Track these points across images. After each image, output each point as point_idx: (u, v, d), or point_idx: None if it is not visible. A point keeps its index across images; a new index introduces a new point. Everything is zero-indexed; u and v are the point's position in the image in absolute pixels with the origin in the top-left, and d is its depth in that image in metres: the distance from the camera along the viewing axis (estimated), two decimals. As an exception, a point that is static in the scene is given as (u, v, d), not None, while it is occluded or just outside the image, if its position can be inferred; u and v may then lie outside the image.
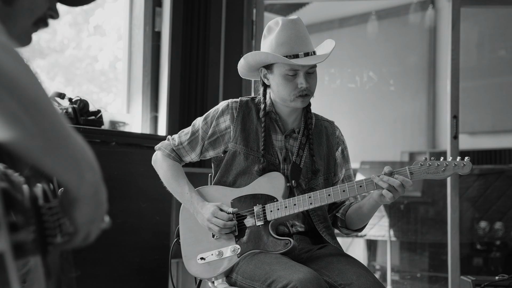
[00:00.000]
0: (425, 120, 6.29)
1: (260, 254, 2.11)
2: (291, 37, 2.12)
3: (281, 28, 2.14)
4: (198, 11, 3.94)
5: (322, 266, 2.07)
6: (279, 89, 2.17)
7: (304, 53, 2.12)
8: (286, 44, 2.12)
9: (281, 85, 2.16)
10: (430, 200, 5.18)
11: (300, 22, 2.17)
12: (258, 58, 2.18)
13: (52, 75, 3.93)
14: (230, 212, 2.17)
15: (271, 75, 2.19)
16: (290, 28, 2.14)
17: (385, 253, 5.28)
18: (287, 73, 2.13)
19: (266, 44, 2.18)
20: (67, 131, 0.92)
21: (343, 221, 2.28)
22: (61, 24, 3.96)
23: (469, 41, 5.72)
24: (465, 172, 2.02)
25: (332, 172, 2.31)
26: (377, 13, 6.48)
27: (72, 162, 0.93)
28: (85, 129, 3.04)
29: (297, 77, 2.14)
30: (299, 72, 2.13)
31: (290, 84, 2.14)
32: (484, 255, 5.01)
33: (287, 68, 2.13)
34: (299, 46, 2.12)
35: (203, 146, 2.30)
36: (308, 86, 2.14)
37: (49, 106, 0.89)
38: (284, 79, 2.14)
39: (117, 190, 3.11)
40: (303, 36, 2.14)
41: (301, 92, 2.14)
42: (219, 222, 2.14)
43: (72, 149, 0.93)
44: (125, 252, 3.14)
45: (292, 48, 2.11)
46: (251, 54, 2.20)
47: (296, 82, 2.13)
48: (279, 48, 2.12)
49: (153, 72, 3.86)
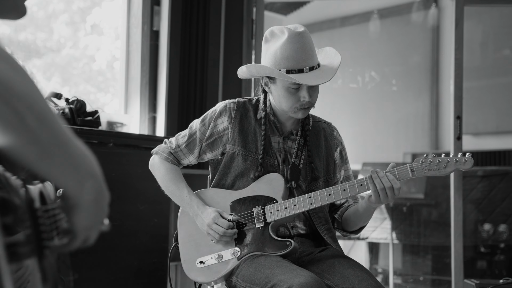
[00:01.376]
0: (428, 121, 6.29)
1: (261, 257, 2.10)
2: (297, 51, 2.09)
3: (287, 41, 2.09)
4: (197, 9, 3.94)
5: (323, 269, 2.07)
6: (281, 101, 2.17)
7: (309, 67, 2.10)
8: (291, 59, 2.09)
9: (283, 97, 2.15)
10: (433, 202, 5.18)
11: (307, 35, 2.13)
12: (262, 71, 2.17)
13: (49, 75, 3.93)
14: (230, 220, 2.17)
15: (273, 85, 2.18)
16: (297, 41, 2.10)
17: (387, 256, 5.28)
18: (290, 86, 2.12)
19: (269, 53, 2.15)
20: (66, 137, 0.91)
21: (340, 222, 2.30)
22: (58, 23, 3.96)
23: (473, 40, 5.72)
24: (467, 168, 2.01)
25: (331, 173, 2.31)
26: (379, 12, 6.48)
27: (71, 169, 0.93)
28: (82, 130, 3.04)
29: (300, 90, 2.12)
30: (302, 86, 2.12)
31: (292, 97, 2.13)
32: (488, 258, 5.01)
33: (290, 82, 2.11)
34: (304, 61, 2.09)
35: (201, 148, 2.29)
36: (310, 100, 2.14)
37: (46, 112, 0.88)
38: (287, 91, 2.13)
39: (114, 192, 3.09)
40: (309, 50, 2.11)
41: (303, 105, 2.14)
42: (219, 230, 2.14)
43: (71, 156, 0.92)
44: (122, 255, 3.14)
45: (297, 62, 2.09)
46: (255, 66, 2.19)
47: (299, 95, 2.12)
48: (284, 62, 2.09)
49: (151, 72, 3.86)
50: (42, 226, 0.99)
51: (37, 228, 0.98)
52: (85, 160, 0.95)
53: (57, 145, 0.90)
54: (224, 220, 2.16)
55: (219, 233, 2.14)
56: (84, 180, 0.95)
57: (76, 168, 0.93)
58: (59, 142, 0.90)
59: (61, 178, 0.93)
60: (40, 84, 0.91)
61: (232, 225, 2.16)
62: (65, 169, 0.92)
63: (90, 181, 0.96)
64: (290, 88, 2.12)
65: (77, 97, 3.21)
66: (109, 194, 1.02)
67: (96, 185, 0.98)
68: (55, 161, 0.90)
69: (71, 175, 0.93)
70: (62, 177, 0.93)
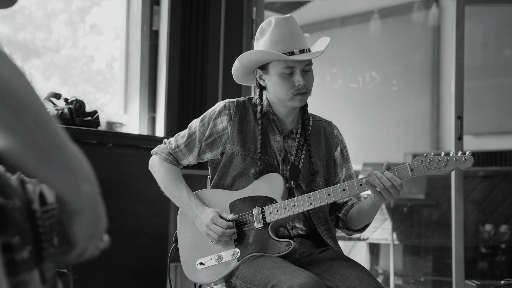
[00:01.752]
0: (428, 121, 6.29)
1: (260, 257, 2.11)
2: (285, 35, 2.13)
3: (275, 27, 2.15)
4: (197, 9, 3.94)
5: (323, 270, 2.07)
6: (276, 89, 2.18)
7: (300, 50, 2.13)
8: (280, 42, 2.13)
9: (278, 84, 2.16)
10: (434, 202, 5.18)
11: (293, 20, 2.19)
12: (253, 58, 2.18)
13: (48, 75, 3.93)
14: (229, 219, 2.17)
15: (267, 75, 2.19)
16: (284, 25, 2.15)
17: (388, 256, 5.28)
18: (283, 71, 2.14)
19: (260, 45, 2.19)
20: (62, 141, 0.91)
21: (344, 221, 2.30)
22: (57, 22, 3.96)
23: (474, 40, 5.72)
24: (467, 166, 2.01)
25: (332, 173, 2.31)
26: (379, 11, 6.48)
27: (68, 173, 0.92)
28: (81, 130, 3.04)
29: (293, 75, 2.14)
30: (295, 70, 2.14)
31: (287, 82, 2.15)
32: (489, 259, 5.01)
33: (283, 66, 2.13)
34: (293, 43, 2.13)
35: (201, 148, 2.30)
36: (305, 83, 2.15)
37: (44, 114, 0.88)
38: (281, 77, 2.15)
39: (114, 192, 3.11)
40: (297, 33, 2.16)
41: (298, 90, 2.15)
42: (218, 230, 2.14)
43: (67, 159, 0.92)
44: (122, 256, 3.14)
45: (287, 45, 2.13)
46: (245, 54, 2.20)
47: (293, 80, 2.14)
48: (274, 47, 2.13)
49: (150, 72, 3.86)
50: (41, 228, 0.98)
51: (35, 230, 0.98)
52: (81, 164, 0.94)
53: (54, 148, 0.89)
54: (222, 220, 2.16)
55: (218, 233, 2.14)
56: (81, 184, 0.94)
57: (72, 171, 0.93)
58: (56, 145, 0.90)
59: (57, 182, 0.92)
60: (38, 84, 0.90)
61: (231, 225, 2.17)
62: (62, 173, 0.92)
63: (87, 185, 0.95)
64: (283, 74, 2.14)
65: (76, 97, 3.22)
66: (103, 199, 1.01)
67: (93, 189, 0.97)
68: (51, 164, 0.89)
69: (68, 177, 0.93)
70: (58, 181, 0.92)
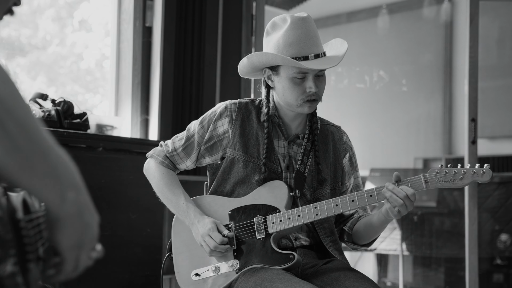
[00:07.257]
0: (440, 124, 6.29)
1: (261, 270, 2.10)
2: (301, 37, 2.10)
3: (290, 27, 2.11)
4: (193, 4, 3.94)
5: (328, 282, 2.06)
6: (285, 93, 2.16)
7: (315, 54, 2.11)
8: (295, 45, 2.10)
9: (287, 88, 2.15)
10: (446, 210, 5.18)
11: (310, 20, 2.14)
12: (264, 60, 2.17)
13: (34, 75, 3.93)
14: (225, 235, 2.15)
15: (277, 77, 2.18)
16: (300, 27, 2.11)
17: (397, 268, 5.28)
18: (295, 76, 2.12)
19: (272, 42, 2.16)
20: (47, 146, 0.90)
21: (350, 235, 2.28)
22: (43, 18, 3.96)
23: (489, 37, 5.73)
24: (485, 180, 2.01)
25: (339, 181, 2.30)
26: (388, 6, 6.49)
27: (51, 180, 0.92)
28: (69, 133, 3.03)
29: (305, 80, 2.12)
30: (308, 75, 2.12)
31: (298, 88, 2.13)
32: (505, 271, 5.01)
33: (295, 71, 2.11)
34: (309, 47, 2.10)
35: (199, 152, 2.29)
36: (317, 91, 2.13)
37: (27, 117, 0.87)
38: (292, 82, 2.13)
39: (104, 199, 3.11)
40: (313, 36, 2.12)
41: (309, 96, 2.13)
42: (211, 244, 2.12)
43: (52, 166, 0.91)
44: (113, 268, 3.13)
45: (301, 49, 2.09)
46: (256, 55, 2.19)
47: (305, 86, 2.12)
48: (287, 49, 2.10)
49: (143, 71, 3.86)
50: (26, 238, 0.98)
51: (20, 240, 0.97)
52: (67, 170, 0.94)
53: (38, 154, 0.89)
54: (218, 234, 2.14)
55: (210, 247, 2.13)
56: (66, 191, 0.94)
57: (56, 177, 0.92)
58: (40, 150, 0.89)
59: (40, 190, 0.92)
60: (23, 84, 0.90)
61: (226, 240, 2.14)
62: (45, 181, 0.91)
63: (72, 192, 0.95)
64: (295, 79, 2.12)
65: (64, 98, 3.21)
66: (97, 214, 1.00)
67: (78, 198, 0.96)
68: (34, 171, 0.89)
69: (51, 184, 0.92)
70: (42, 188, 0.92)
